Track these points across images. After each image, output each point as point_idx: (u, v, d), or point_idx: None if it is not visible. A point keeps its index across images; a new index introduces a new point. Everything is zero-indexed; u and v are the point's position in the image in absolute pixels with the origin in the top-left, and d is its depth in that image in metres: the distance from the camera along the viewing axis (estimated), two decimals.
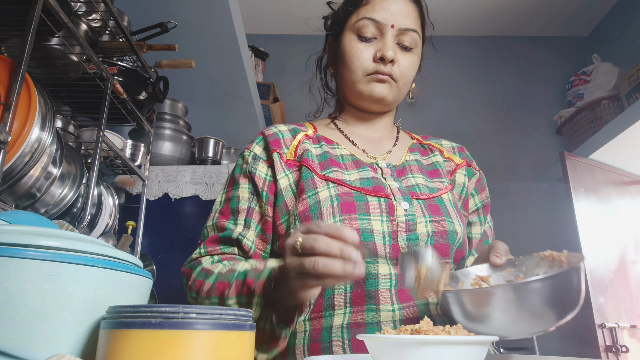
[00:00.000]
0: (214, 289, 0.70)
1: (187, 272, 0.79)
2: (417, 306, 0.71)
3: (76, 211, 1.17)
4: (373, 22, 0.81)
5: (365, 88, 0.82)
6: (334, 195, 0.75)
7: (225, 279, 0.70)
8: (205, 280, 0.73)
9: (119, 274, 0.47)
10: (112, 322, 0.41)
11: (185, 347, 0.38)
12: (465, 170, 0.90)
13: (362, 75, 0.82)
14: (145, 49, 1.37)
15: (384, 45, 0.81)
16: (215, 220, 0.81)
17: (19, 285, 0.40)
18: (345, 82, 0.85)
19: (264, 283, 0.65)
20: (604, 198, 2.39)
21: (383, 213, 0.74)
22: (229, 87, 1.97)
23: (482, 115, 2.91)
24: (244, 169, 0.83)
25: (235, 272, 0.70)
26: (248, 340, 0.44)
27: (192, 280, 0.75)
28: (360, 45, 0.82)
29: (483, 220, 0.90)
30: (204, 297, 0.72)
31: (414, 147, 0.91)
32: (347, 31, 0.85)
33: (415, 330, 0.47)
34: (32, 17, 0.84)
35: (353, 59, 0.82)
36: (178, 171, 1.70)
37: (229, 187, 0.84)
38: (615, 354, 2.05)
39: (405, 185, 0.79)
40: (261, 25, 3.03)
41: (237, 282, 0.68)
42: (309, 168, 0.79)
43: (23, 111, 0.87)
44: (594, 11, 2.87)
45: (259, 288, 0.65)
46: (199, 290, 0.73)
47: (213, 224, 0.81)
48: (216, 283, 0.71)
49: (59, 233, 0.46)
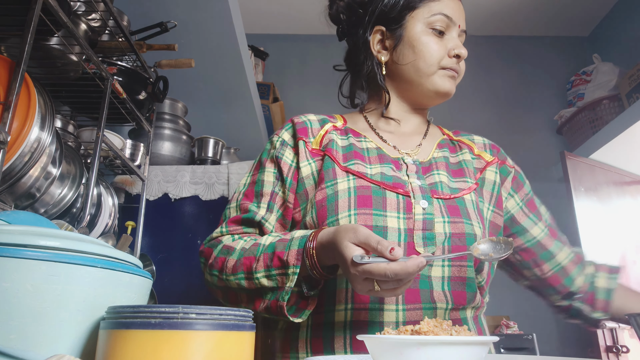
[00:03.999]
0: (239, 265, 0.71)
1: (206, 251, 0.79)
2: (422, 309, 0.70)
3: (76, 211, 1.17)
4: (447, 18, 0.83)
5: (439, 81, 0.83)
6: (352, 188, 0.75)
7: (251, 254, 0.71)
8: (228, 257, 0.73)
9: (119, 274, 0.47)
10: (111, 322, 0.41)
11: (184, 347, 0.38)
12: (497, 168, 0.88)
13: (437, 68, 0.82)
14: (144, 48, 1.36)
15: (457, 43, 0.83)
16: (239, 201, 0.83)
17: (18, 285, 0.40)
18: (416, 73, 0.83)
19: (298, 253, 0.66)
20: (605, 198, 2.39)
21: (400, 210, 0.73)
22: (228, 87, 1.97)
23: (482, 115, 2.91)
24: (271, 153, 0.85)
25: (261, 245, 0.71)
26: (248, 340, 0.44)
27: (213, 258, 0.76)
28: (436, 39, 0.83)
29: (535, 218, 0.88)
30: (228, 274, 0.72)
31: (443, 144, 0.89)
32: (417, 22, 0.83)
33: (416, 331, 0.47)
34: (31, 16, 0.84)
35: (431, 51, 0.82)
36: (178, 171, 1.70)
37: (255, 171, 0.86)
38: (615, 354, 2.05)
39: (428, 182, 0.79)
40: (261, 25, 3.03)
41: (265, 256, 0.69)
42: (332, 158, 0.80)
43: (22, 111, 0.87)
44: (594, 11, 2.87)
45: (293, 258, 0.65)
46: (222, 267, 0.73)
47: (237, 205, 0.83)
48: (242, 258, 0.71)
49: (59, 233, 0.46)
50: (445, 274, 0.72)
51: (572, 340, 2.40)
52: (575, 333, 2.40)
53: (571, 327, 2.30)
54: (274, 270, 0.67)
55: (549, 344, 2.37)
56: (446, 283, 0.72)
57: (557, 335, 2.44)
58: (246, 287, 0.70)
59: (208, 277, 0.77)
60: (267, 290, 0.68)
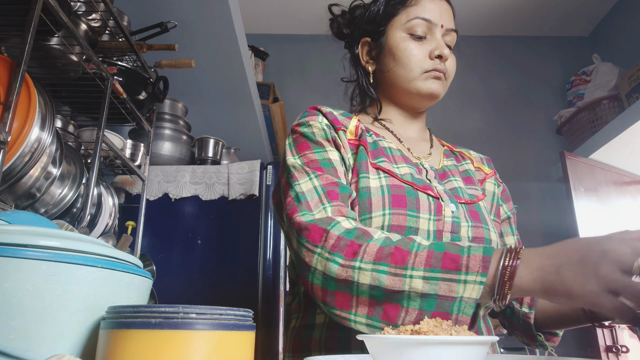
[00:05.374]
0: (386, 254, 0.59)
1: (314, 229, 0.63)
2: None
3: (76, 211, 1.17)
4: (426, 21, 0.83)
5: (423, 85, 0.83)
6: (384, 186, 0.73)
7: (405, 247, 0.59)
8: (367, 242, 0.61)
9: (119, 274, 0.47)
10: (112, 322, 0.41)
11: (185, 347, 0.38)
12: (494, 180, 0.92)
13: (419, 72, 0.82)
14: (145, 48, 1.37)
15: (438, 44, 0.83)
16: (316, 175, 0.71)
17: (18, 285, 0.40)
18: (398, 79, 0.84)
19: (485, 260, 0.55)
20: (605, 198, 2.39)
21: (432, 211, 0.73)
22: (229, 87, 1.97)
23: (482, 115, 2.91)
24: (321, 135, 0.77)
25: (416, 242, 0.60)
26: (248, 340, 0.44)
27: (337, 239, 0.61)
28: (414, 44, 0.83)
29: (514, 229, 0.92)
30: (367, 261, 0.59)
31: (447, 154, 0.92)
32: (395, 30, 0.85)
33: (416, 331, 0.47)
34: (31, 17, 0.84)
35: (410, 57, 0.82)
36: (178, 171, 1.70)
37: (305, 148, 0.75)
38: (615, 354, 2.05)
39: (448, 188, 0.80)
40: (261, 25, 3.03)
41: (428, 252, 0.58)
42: (366, 150, 0.78)
43: (23, 111, 0.87)
44: (594, 11, 2.87)
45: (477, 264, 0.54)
46: (358, 252, 0.60)
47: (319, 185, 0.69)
48: (391, 246, 0.59)
49: (59, 233, 0.46)
50: None
51: (572, 340, 2.39)
52: (575, 333, 2.40)
53: None
54: (439, 273, 0.56)
55: None
56: None
57: None
58: (383, 285, 0.57)
59: (318, 265, 0.61)
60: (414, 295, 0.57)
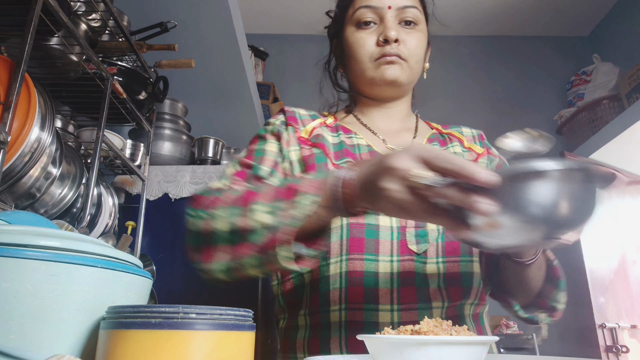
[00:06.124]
0: (236, 199, 0.59)
1: (197, 197, 0.66)
2: (417, 310, 0.69)
3: (76, 211, 1.17)
4: (369, 8, 0.81)
5: (375, 73, 0.81)
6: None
7: (254, 189, 0.59)
8: (221, 196, 0.62)
9: (119, 274, 0.47)
10: (111, 322, 0.41)
11: (185, 347, 0.38)
12: (486, 159, 0.88)
13: (369, 61, 0.81)
14: (145, 48, 1.37)
15: (385, 27, 0.80)
16: (237, 160, 0.78)
17: (18, 285, 0.40)
18: (355, 73, 0.85)
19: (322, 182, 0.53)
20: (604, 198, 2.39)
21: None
22: (228, 87, 1.97)
23: (482, 115, 2.91)
24: (271, 129, 0.83)
25: (265, 184, 0.60)
26: (248, 340, 0.44)
27: (203, 199, 0.64)
28: (361, 34, 0.82)
29: None
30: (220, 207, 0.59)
31: (433, 137, 0.89)
32: (347, 26, 0.85)
33: (416, 331, 0.47)
34: (31, 17, 0.84)
35: (358, 48, 0.82)
36: (178, 171, 1.70)
37: (253, 142, 0.82)
38: (615, 354, 2.05)
39: None
40: (261, 25, 3.03)
41: (271, 188, 0.57)
42: (325, 153, 0.78)
43: (23, 111, 0.87)
44: (594, 11, 2.87)
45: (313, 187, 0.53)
46: (212, 204, 0.61)
47: (237, 162, 0.77)
48: (242, 194, 0.59)
49: (59, 233, 0.46)
50: (440, 271, 0.72)
51: (572, 340, 2.39)
52: (576, 333, 2.40)
53: (571, 327, 2.30)
54: (282, 203, 0.54)
55: (549, 344, 2.37)
56: (441, 279, 0.71)
57: (557, 335, 2.44)
58: (237, 228, 0.56)
59: (191, 225, 0.63)
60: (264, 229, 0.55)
